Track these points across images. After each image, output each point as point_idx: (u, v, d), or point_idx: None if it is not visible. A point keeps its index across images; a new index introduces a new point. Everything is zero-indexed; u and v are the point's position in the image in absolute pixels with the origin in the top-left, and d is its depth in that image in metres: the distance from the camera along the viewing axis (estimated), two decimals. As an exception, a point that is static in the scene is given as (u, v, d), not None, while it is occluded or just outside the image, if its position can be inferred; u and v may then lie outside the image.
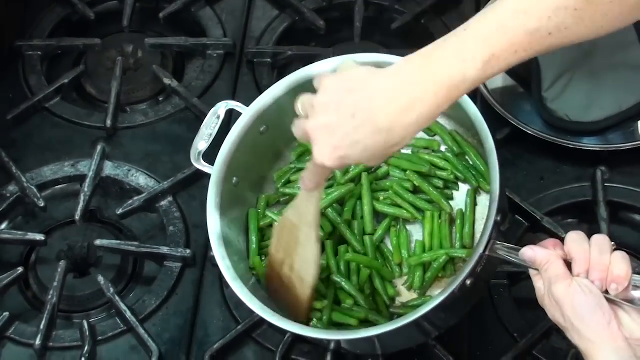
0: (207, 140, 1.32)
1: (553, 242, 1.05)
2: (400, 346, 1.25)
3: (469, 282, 1.09)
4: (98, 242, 1.41)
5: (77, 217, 1.45)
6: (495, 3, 0.97)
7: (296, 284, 1.22)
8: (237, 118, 1.30)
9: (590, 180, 1.44)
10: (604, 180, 1.43)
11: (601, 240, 1.01)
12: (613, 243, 1.02)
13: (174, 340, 1.34)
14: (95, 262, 1.43)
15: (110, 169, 1.52)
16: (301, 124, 1.06)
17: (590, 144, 1.45)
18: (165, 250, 1.41)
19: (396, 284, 1.26)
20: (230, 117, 1.35)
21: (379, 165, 1.31)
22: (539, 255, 1.03)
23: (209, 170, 1.28)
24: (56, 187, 1.52)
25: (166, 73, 1.63)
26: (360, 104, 0.99)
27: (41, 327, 1.33)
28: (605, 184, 1.43)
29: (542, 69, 1.47)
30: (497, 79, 1.51)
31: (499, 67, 0.97)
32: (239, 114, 1.31)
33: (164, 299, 1.38)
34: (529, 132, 1.45)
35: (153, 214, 1.49)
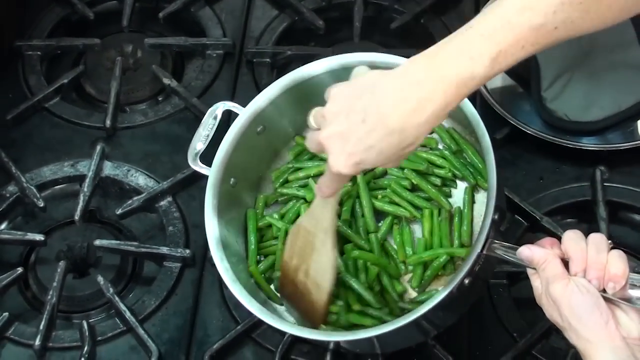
0: (204, 141, 1.32)
1: (550, 241, 1.05)
2: (399, 345, 1.25)
3: (467, 281, 1.09)
4: (97, 242, 1.41)
5: (77, 217, 1.45)
6: (498, 1, 0.97)
7: (312, 289, 1.21)
8: (235, 118, 1.30)
9: (590, 179, 1.44)
10: (603, 180, 1.43)
11: (598, 239, 1.01)
12: (610, 241, 1.01)
13: (174, 341, 1.34)
14: (94, 262, 1.43)
15: (109, 169, 1.52)
16: (314, 136, 1.06)
17: (589, 144, 1.45)
18: (164, 250, 1.41)
19: (403, 281, 1.25)
20: (229, 118, 1.35)
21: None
22: (536, 255, 1.03)
23: (206, 171, 1.28)
24: (55, 187, 1.52)
25: (165, 73, 1.63)
26: (369, 109, 0.99)
27: (41, 328, 1.33)
28: (605, 184, 1.42)
29: (542, 69, 1.47)
30: (497, 79, 1.51)
31: (507, 63, 0.97)
32: (237, 115, 1.31)
33: (163, 299, 1.38)
34: (528, 132, 1.45)
35: (152, 214, 1.49)
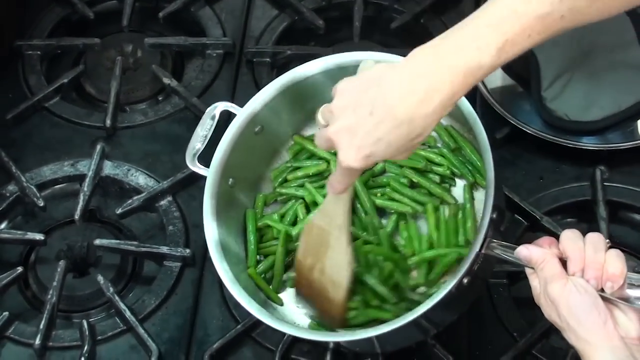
0: (202, 142, 1.32)
1: (548, 240, 1.05)
2: (399, 344, 1.25)
3: (465, 281, 1.09)
4: (97, 242, 1.41)
5: (77, 217, 1.45)
6: None
7: (328, 287, 1.21)
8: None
9: (590, 179, 1.44)
10: (603, 180, 1.43)
11: (595, 239, 1.01)
12: (607, 241, 1.01)
13: (174, 340, 1.34)
14: (94, 262, 1.43)
15: (109, 168, 1.52)
16: (323, 133, 1.05)
17: (589, 144, 1.44)
18: (164, 249, 1.41)
19: (414, 275, 1.24)
20: (229, 118, 1.35)
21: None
22: (534, 254, 1.03)
23: (204, 172, 1.28)
24: (55, 187, 1.52)
25: (165, 72, 1.63)
26: (376, 101, 0.98)
27: (41, 327, 1.33)
28: (605, 184, 1.42)
29: (542, 69, 1.47)
30: (497, 79, 1.51)
31: (513, 52, 0.96)
32: (236, 115, 1.30)
33: (163, 299, 1.38)
34: (528, 132, 1.45)
35: (152, 213, 1.49)
